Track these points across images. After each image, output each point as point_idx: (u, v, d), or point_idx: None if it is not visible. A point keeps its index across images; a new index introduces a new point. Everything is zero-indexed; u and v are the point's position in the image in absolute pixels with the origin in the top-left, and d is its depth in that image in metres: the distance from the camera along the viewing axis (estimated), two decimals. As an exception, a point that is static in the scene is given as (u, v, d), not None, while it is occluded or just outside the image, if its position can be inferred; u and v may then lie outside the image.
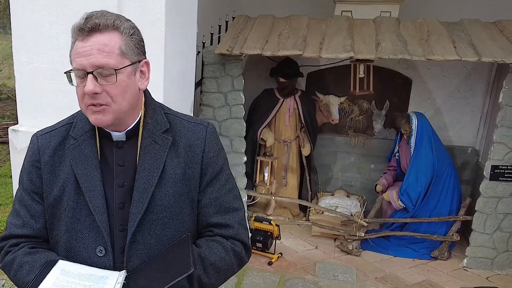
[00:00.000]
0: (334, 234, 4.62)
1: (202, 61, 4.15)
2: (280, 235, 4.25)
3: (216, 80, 4.14)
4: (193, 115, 3.60)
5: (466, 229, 4.39)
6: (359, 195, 5.14)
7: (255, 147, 4.92)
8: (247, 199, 4.61)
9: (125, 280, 1.24)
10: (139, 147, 1.32)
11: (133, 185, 1.30)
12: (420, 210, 4.36)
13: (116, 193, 1.31)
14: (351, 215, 4.56)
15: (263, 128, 4.87)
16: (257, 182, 4.98)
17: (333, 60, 4.49)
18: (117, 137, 1.33)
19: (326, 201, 4.88)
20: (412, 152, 4.44)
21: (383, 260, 4.28)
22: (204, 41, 4.22)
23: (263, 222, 4.24)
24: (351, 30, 4.01)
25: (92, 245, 1.30)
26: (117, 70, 1.21)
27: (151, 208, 1.30)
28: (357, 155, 5.23)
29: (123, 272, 1.27)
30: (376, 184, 4.82)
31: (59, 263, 1.28)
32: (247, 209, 4.65)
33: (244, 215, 1.45)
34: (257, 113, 4.93)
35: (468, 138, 4.95)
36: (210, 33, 4.33)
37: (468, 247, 4.14)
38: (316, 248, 4.48)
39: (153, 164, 1.31)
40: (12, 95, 10.07)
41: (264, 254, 4.21)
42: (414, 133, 4.42)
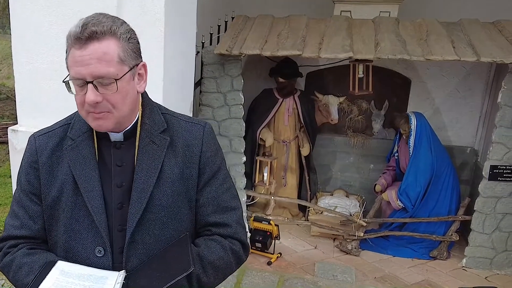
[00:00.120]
0: (333, 234, 4.62)
1: (202, 61, 4.15)
2: (279, 235, 4.25)
3: (216, 80, 4.14)
4: (192, 115, 3.60)
5: (465, 229, 4.40)
6: (358, 195, 5.15)
7: (254, 147, 4.92)
8: (247, 199, 4.61)
9: (125, 280, 1.24)
10: (137, 148, 1.32)
11: (132, 185, 1.30)
12: (419, 210, 4.37)
13: (114, 193, 1.31)
14: (350, 215, 4.56)
15: (262, 128, 4.87)
16: (256, 182, 4.98)
17: (332, 60, 4.50)
18: (115, 138, 1.34)
19: (325, 201, 4.88)
20: (411, 152, 4.44)
21: (382, 260, 4.28)
22: (203, 41, 4.22)
23: (263, 222, 4.24)
24: (350, 30, 4.01)
25: (91, 246, 1.30)
26: (118, 80, 1.20)
27: (150, 208, 1.30)
28: (356, 155, 5.24)
29: (122, 272, 1.27)
30: (375, 184, 4.82)
31: (58, 264, 1.28)
32: (247, 209, 4.65)
33: (242, 214, 1.45)
34: (257, 113, 4.93)
35: (467, 138, 4.96)
36: (210, 33, 4.33)
37: (467, 247, 4.14)
38: (315, 248, 4.48)
39: (151, 164, 1.31)
40: (12, 95, 10.06)
41: (263, 254, 4.22)
42: (413, 133, 4.42)
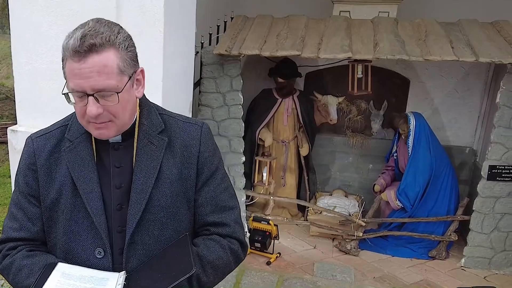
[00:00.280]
0: (332, 234, 4.63)
1: (201, 61, 4.16)
2: (278, 235, 4.26)
3: (215, 80, 4.14)
4: (191, 115, 3.60)
5: (464, 229, 4.40)
6: (357, 195, 5.15)
7: (253, 147, 4.92)
8: (246, 199, 4.61)
9: (125, 281, 1.24)
10: (135, 149, 1.32)
11: (130, 186, 1.30)
12: (418, 210, 4.38)
13: (113, 194, 1.31)
14: (349, 215, 4.57)
15: (261, 128, 4.88)
16: (255, 182, 4.99)
17: (331, 60, 4.50)
18: (113, 139, 1.33)
19: (324, 201, 4.89)
20: (410, 152, 4.45)
21: (381, 260, 4.29)
22: (202, 42, 4.23)
23: (262, 222, 4.25)
24: (349, 31, 4.02)
25: (91, 247, 1.30)
26: (119, 93, 1.19)
27: (149, 209, 1.30)
28: (355, 155, 5.24)
29: (122, 273, 1.27)
30: (374, 184, 4.82)
31: (59, 266, 1.28)
32: (246, 209, 4.65)
33: (240, 213, 1.46)
34: (256, 113, 4.93)
35: (465, 138, 4.97)
36: (209, 34, 4.33)
37: (466, 246, 4.15)
38: (314, 248, 4.49)
39: (149, 165, 1.31)
40: (11, 95, 10.06)
41: (262, 254, 4.22)
42: (412, 133, 4.43)
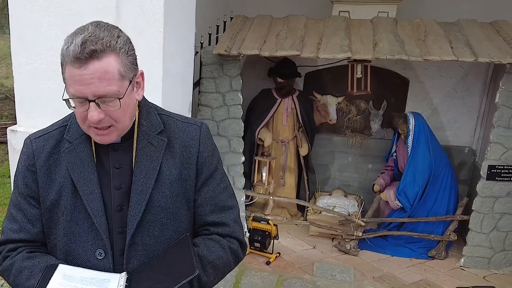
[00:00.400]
0: (332, 234, 4.63)
1: (200, 62, 4.16)
2: (278, 234, 4.26)
3: (214, 80, 4.15)
4: (191, 115, 3.60)
5: (463, 229, 4.41)
6: (357, 195, 5.15)
7: (253, 147, 4.92)
8: (245, 199, 4.61)
9: (127, 282, 1.24)
10: (134, 149, 1.32)
11: (130, 187, 1.30)
12: (417, 209, 4.38)
13: (113, 195, 1.31)
14: (349, 214, 4.57)
15: (261, 128, 4.88)
16: (255, 182, 4.99)
17: (330, 60, 4.51)
18: None
19: (324, 201, 4.89)
20: (410, 152, 4.45)
21: (381, 260, 4.30)
22: (202, 42, 4.23)
23: (261, 222, 4.25)
24: (348, 31, 4.02)
25: (91, 248, 1.30)
26: (121, 99, 1.19)
27: (149, 210, 1.30)
28: (355, 155, 5.24)
29: (123, 274, 1.27)
30: (374, 184, 4.83)
31: (60, 268, 1.27)
32: (245, 209, 4.66)
33: (239, 213, 1.46)
34: (255, 113, 4.94)
35: (465, 138, 4.97)
36: (208, 34, 4.34)
37: (465, 246, 4.16)
38: (314, 247, 4.49)
39: (149, 165, 1.31)
40: (10, 95, 10.04)
41: (262, 254, 4.22)
42: (411, 133, 4.43)
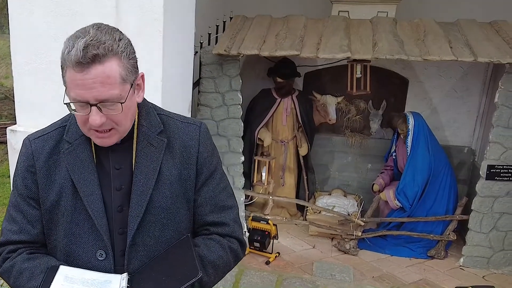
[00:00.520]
0: (331, 234, 4.64)
1: (200, 61, 4.16)
2: (277, 234, 4.26)
3: (214, 80, 4.15)
4: (191, 115, 3.60)
5: (462, 228, 4.41)
6: (356, 195, 5.15)
7: (252, 147, 4.92)
8: (245, 198, 4.62)
9: (128, 283, 1.24)
10: (134, 150, 1.32)
11: (131, 188, 1.30)
12: (416, 209, 4.38)
13: (114, 196, 1.31)
14: (348, 214, 4.57)
15: (260, 128, 4.88)
16: (254, 182, 4.99)
17: (330, 60, 4.51)
18: None
19: (323, 201, 4.89)
20: (409, 152, 4.45)
21: (380, 259, 4.30)
22: (201, 41, 4.23)
23: (261, 221, 4.25)
24: (348, 30, 4.02)
25: (92, 249, 1.30)
26: (123, 103, 1.19)
27: (150, 210, 1.30)
28: (354, 154, 5.25)
29: (125, 275, 1.27)
30: (373, 184, 4.83)
31: (61, 269, 1.27)
32: (245, 209, 4.66)
33: (238, 212, 1.47)
34: (255, 113, 4.94)
35: (464, 138, 4.98)
36: (208, 33, 4.34)
37: (465, 246, 4.16)
38: (313, 247, 4.50)
39: (149, 166, 1.31)
40: (10, 95, 10.04)
41: (261, 254, 4.22)
42: (410, 132, 4.43)
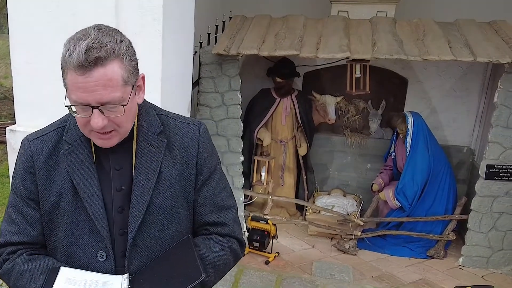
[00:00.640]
0: (330, 233, 4.64)
1: (199, 61, 4.16)
2: (277, 234, 4.26)
3: (213, 80, 4.15)
4: (190, 115, 3.61)
5: (461, 228, 4.42)
6: (356, 195, 5.16)
7: (252, 147, 4.92)
8: (244, 198, 4.62)
9: (129, 284, 1.24)
10: (134, 151, 1.32)
11: (131, 188, 1.30)
12: (416, 209, 4.38)
13: (114, 197, 1.31)
14: (348, 214, 4.57)
15: (260, 128, 4.88)
16: (254, 181, 4.99)
17: (329, 60, 4.51)
18: None
19: (322, 201, 4.89)
20: (408, 152, 4.45)
21: (380, 259, 4.30)
22: (201, 41, 4.23)
23: (260, 221, 4.25)
24: (347, 30, 4.03)
25: (93, 250, 1.30)
26: (125, 106, 1.18)
27: (150, 211, 1.30)
28: (354, 154, 5.25)
29: (125, 276, 1.26)
30: (373, 184, 4.83)
31: (62, 271, 1.26)
32: (244, 209, 4.66)
33: (237, 212, 1.47)
34: (254, 113, 4.94)
35: (463, 138, 4.98)
36: (207, 33, 4.33)
37: (464, 246, 4.16)
38: (312, 247, 4.50)
39: (149, 167, 1.30)
40: (9, 95, 10.03)
41: (261, 254, 4.22)
42: (410, 132, 4.44)
